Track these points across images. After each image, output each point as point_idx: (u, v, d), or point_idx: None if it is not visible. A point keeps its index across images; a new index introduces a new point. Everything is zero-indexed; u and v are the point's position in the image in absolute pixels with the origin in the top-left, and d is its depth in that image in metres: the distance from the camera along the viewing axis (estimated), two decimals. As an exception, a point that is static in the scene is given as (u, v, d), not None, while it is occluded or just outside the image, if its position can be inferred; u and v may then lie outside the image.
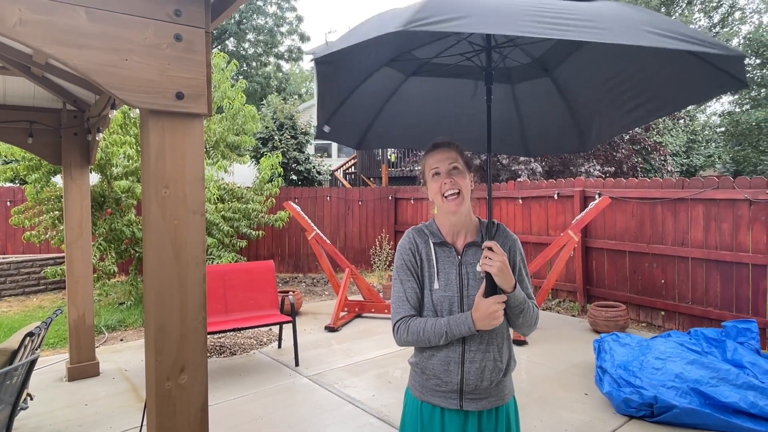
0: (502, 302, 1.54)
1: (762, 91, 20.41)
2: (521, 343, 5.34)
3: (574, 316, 6.83)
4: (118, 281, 8.41)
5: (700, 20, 22.78)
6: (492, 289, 1.56)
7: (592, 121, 2.06)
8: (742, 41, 21.37)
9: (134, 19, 1.72)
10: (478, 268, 1.62)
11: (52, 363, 4.92)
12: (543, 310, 7.09)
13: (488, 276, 1.55)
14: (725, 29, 22.53)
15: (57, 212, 6.79)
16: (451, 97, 2.19)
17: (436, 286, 1.65)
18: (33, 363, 2.54)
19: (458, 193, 1.64)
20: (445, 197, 1.65)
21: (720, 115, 22.24)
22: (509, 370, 1.70)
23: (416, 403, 1.71)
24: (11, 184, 9.75)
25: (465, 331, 1.55)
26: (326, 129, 2.01)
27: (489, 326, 1.54)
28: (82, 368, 4.52)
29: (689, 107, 21.27)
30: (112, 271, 6.86)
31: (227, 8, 2.02)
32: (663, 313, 6.14)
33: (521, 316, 1.62)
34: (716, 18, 22.87)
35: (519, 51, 1.96)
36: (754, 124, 17.51)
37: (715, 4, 22.45)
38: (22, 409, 2.70)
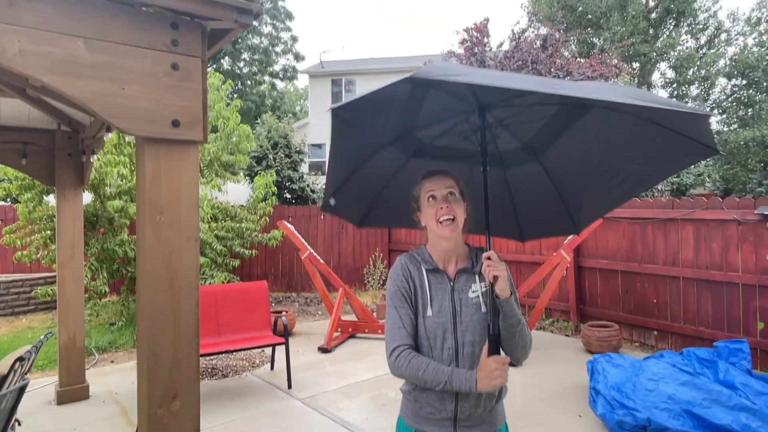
0: (505, 363, 1.54)
1: (749, 111, 20.80)
2: (514, 364, 5.32)
3: (567, 335, 6.83)
4: (109, 301, 8.33)
5: (687, 42, 23.29)
6: (495, 349, 1.57)
7: (580, 203, 2.11)
8: (728, 63, 21.83)
9: (132, 49, 1.76)
10: (473, 293, 1.66)
11: (41, 386, 4.85)
12: (537, 329, 7.09)
13: (492, 337, 1.57)
14: (712, 50, 23.03)
15: (49, 231, 6.75)
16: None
17: (429, 312, 1.65)
18: (23, 389, 2.51)
19: (453, 219, 1.66)
20: (440, 222, 1.66)
21: (709, 135, 22.55)
22: (501, 397, 1.72)
23: (409, 431, 1.71)
24: (3, 203, 9.69)
25: (465, 387, 1.53)
26: (332, 202, 2.05)
27: (490, 387, 1.52)
28: (72, 391, 4.46)
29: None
30: (103, 291, 6.80)
31: (223, 38, 2.06)
32: (656, 332, 6.16)
33: (516, 334, 1.60)
34: (703, 40, 23.40)
35: (509, 135, 2.01)
36: (742, 143, 17.81)
37: (701, 27, 22.99)
38: (9, 435, 2.66)
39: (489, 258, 1.57)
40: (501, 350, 1.59)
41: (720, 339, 5.19)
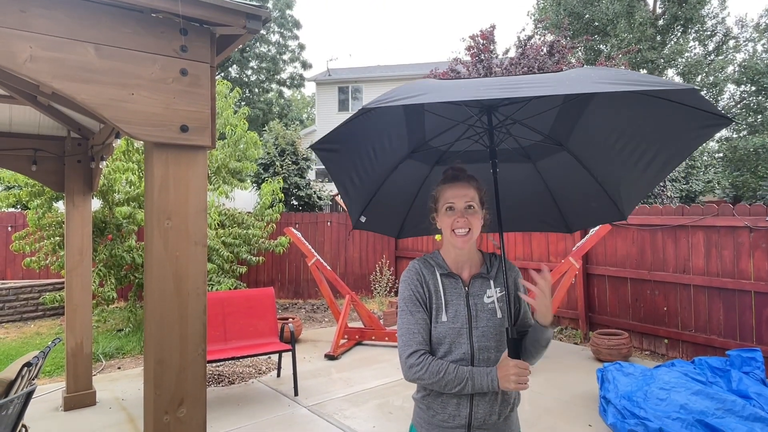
0: (527, 368, 1.52)
1: (759, 117, 20.66)
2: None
3: (576, 344, 6.76)
4: (117, 307, 8.36)
5: (695, 48, 23.21)
6: (516, 350, 1.56)
7: (619, 187, 2.06)
8: (737, 69, 21.72)
9: (142, 54, 1.76)
10: (488, 298, 1.67)
11: (48, 392, 4.86)
12: (545, 337, 7.02)
13: (511, 341, 1.57)
14: (720, 57, 22.93)
15: (58, 238, 6.80)
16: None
17: (444, 318, 1.63)
18: (30, 394, 2.51)
19: (468, 231, 1.65)
20: (455, 233, 1.65)
21: (718, 141, 22.44)
22: (516, 404, 1.70)
23: None
24: (13, 209, 9.77)
25: (487, 385, 1.53)
26: (363, 219, 2.12)
27: (510, 388, 1.51)
28: (79, 398, 4.46)
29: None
30: (111, 297, 6.83)
31: (232, 44, 2.07)
32: (666, 341, 6.08)
33: (541, 351, 1.63)
34: (711, 46, 23.30)
35: (527, 129, 2.00)
36: (751, 149, 17.67)
37: (709, 33, 22.90)
38: (16, 441, 2.65)
39: (542, 273, 1.57)
40: (519, 355, 1.59)
41: (732, 347, 5.12)
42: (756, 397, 3.61)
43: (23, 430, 3.19)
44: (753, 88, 20.57)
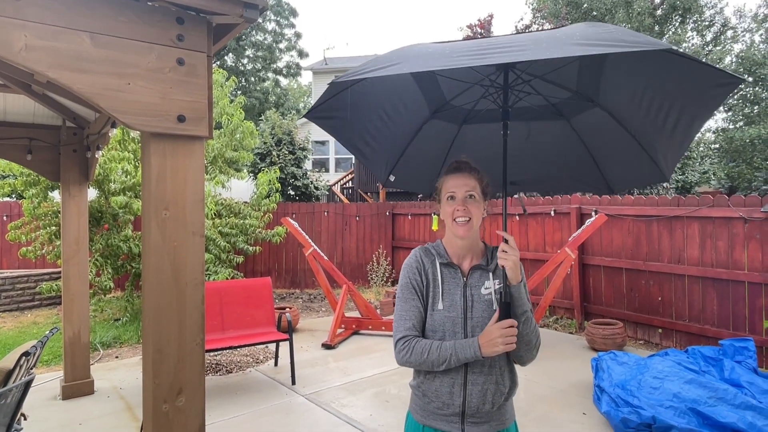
0: (511, 326, 1.54)
1: (755, 108, 20.68)
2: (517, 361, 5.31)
3: (571, 333, 6.82)
4: (114, 297, 8.36)
5: (693, 39, 23.14)
6: (506, 312, 1.58)
7: (655, 146, 2.01)
8: (734, 60, 21.70)
9: (138, 44, 1.75)
10: (485, 289, 1.68)
11: (46, 381, 4.87)
12: (541, 327, 7.08)
13: (503, 305, 1.59)
14: (718, 47, 22.88)
15: (54, 227, 6.78)
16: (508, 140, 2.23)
17: (440, 306, 1.65)
18: (29, 383, 2.52)
19: (468, 220, 1.66)
20: (456, 222, 1.67)
21: (714, 132, 22.46)
22: (511, 394, 1.70)
23: (418, 427, 1.69)
24: (8, 199, 9.73)
25: (471, 355, 1.55)
26: (392, 178, 2.20)
27: (494, 352, 1.53)
28: (77, 386, 4.47)
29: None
30: (108, 286, 6.83)
31: (229, 33, 2.06)
32: (660, 330, 6.14)
33: (523, 323, 1.59)
34: (709, 37, 23.24)
35: (553, 86, 1.99)
36: (747, 140, 17.70)
37: (707, 23, 22.83)
38: (16, 430, 2.67)
39: (505, 240, 1.60)
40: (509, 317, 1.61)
41: (725, 337, 5.17)
42: (748, 386, 3.66)
43: (22, 418, 3.21)
44: (750, 79, 20.56)
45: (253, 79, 28.60)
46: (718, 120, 25.02)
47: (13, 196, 9.84)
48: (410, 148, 2.15)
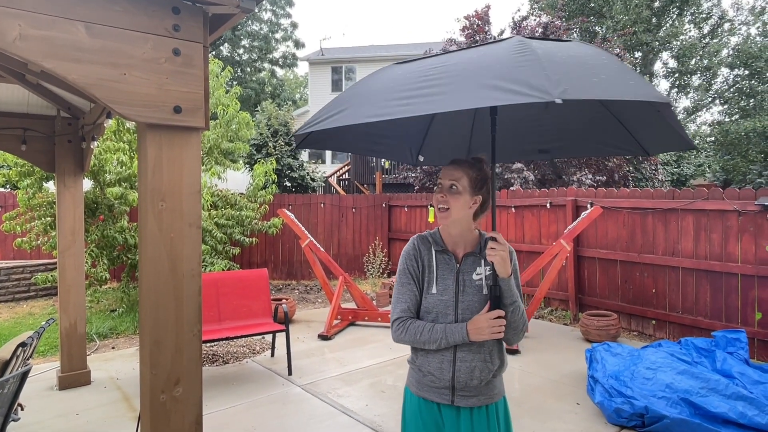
0: (498, 316, 1.68)
1: (751, 101, 20.72)
2: (514, 352, 5.36)
3: (566, 324, 6.87)
4: (109, 288, 8.36)
5: (690, 31, 23.12)
6: (496, 303, 1.71)
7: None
8: (731, 52, 21.70)
9: (133, 34, 1.74)
10: (476, 275, 1.79)
11: (43, 371, 4.88)
12: (535, 318, 7.13)
13: (493, 297, 1.71)
14: (714, 40, 22.87)
15: (49, 218, 6.75)
16: (528, 114, 2.28)
17: (434, 290, 1.78)
18: (26, 374, 2.53)
19: (447, 209, 1.78)
20: (438, 209, 1.81)
21: (710, 125, 22.51)
22: (499, 372, 1.81)
23: (414, 398, 1.84)
24: (3, 189, 9.67)
25: (459, 339, 1.69)
26: (421, 158, 2.31)
27: (480, 338, 1.68)
28: (74, 377, 4.48)
29: (680, 116, 21.47)
30: (104, 277, 6.82)
31: (225, 23, 2.04)
32: (654, 322, 6.19)
33: (511, 312, 1.72)
34: (706, 29, 23.22)
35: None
36: (743, 133, 17.75)
37: (704, 16, 22.79)
38: (13, 420, 2.68)
39: (494, 238, 1.70)
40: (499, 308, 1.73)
41: (718, 329, 5.22)
42: (739, 377, 3.70)
43: (19, 408, 3.22)
44: (746, 72, 20.58)
45: (249, 69, 28.41)
46: (714, 113, 25.10)
47: (8, 186, 9.78)
48: (432, 128, 2.25)
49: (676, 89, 23.91)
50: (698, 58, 22.41)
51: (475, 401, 1.75)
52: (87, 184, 6.81)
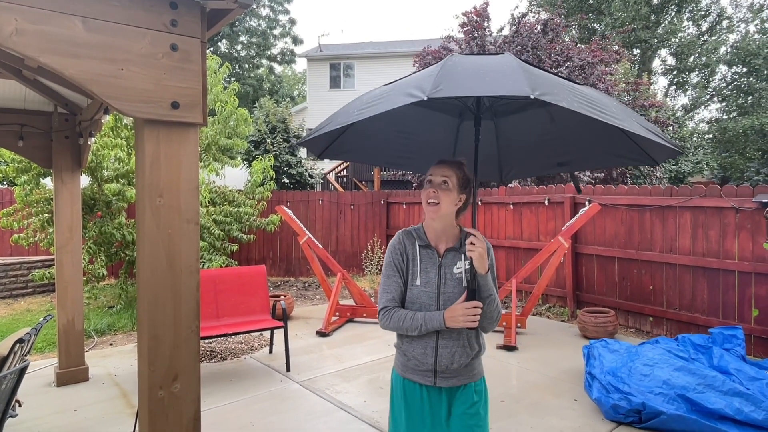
0: (475, 306, 1.81)
1: (749, 98, 20.74)
2: (511, 348, 5.38)
3: (564, 321, 6.88)
4: (107, 284, 8.35)
5: (688, 28, 23.11)
6: (472, 296, 1.84)
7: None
8: (729, 50, 21.69)
9: (130, 29, 1.73)
10: (456, 269, 1.93)
11: (41, 368, 4.88)
12: (533, 315, 7.14)
13: (470, 291, 1.85)
14: (713, 37, 22.87)
15: (46, 215, 6.73)
16: (540, 127, 2.44)
17: (417, 282, 1.93)
18: (23, 370, 2.52)
19: (437, 204, 1.90)
20: (428, 204, 1.93)
21: (708, 122, 22.52)
22: (478, 356, 1.97)
23: (399, 379, 1.99)
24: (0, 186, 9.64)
25: (436, 326, 1.84)
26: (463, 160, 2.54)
27: (455, 325, 1.82)
28: (71, 373, 4.48)
29: (678, 113, 21.48)
30: (101, 274, 6.81)
31: (223, 18, 2.04)
32: (651, 319, 6.21)
33: (487, 304, 1.86)
34: (704, 26, 23.21)
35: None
36: (741, 131, 17.78)
37: (703, 13, 22.78)
38: (11, 416, 2.67)
39: (474, 235, 1.82)
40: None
41: (715, 325, 5.25)
42: (736, 373, 3.71)
43: (17, 405, 3.22)
44: (744, 70, 20.59)
45: (247, 65, 28.33)
46: (712, 110, 25.12)
47: (5, 183, 9.76)
48: (459, 144, 2.46)
49: (674, 86, 23.93)
50: (697, 55, 22.42)
51: (456, 381, 1.92)
52: (84, 180, 6.79)
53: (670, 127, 14.34)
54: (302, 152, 15.08)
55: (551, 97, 1.49)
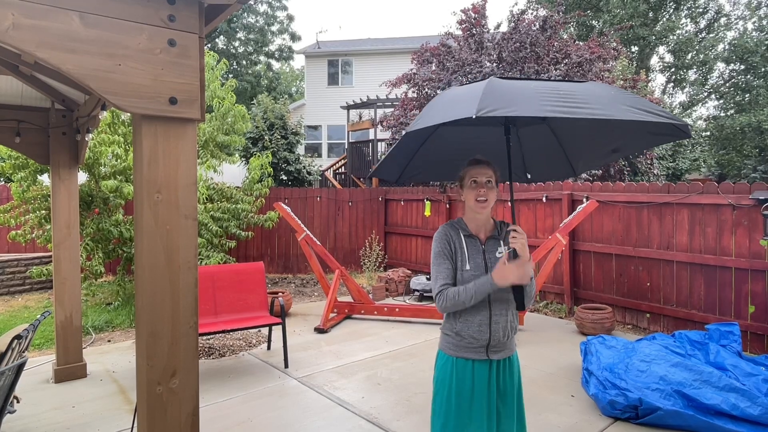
0: (519, 266, 2.00)
1: (746, 96, 20.76)
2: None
3: (561, 318, 6.90)
4: (105, 281, 8.34)
5: (686, 26, 23.11)
6: (515, 257, 2.06)
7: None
8: (727, 47, 21.69)
9: (128, 24, 1.73)
10: (498, 254, 2.19)
11: (39, 364, 4.87)
12: (531, 311, 7.16)
13: (512, 252, 2.07)
14: (711, 35, 22.88)
15: (44, 211, 6.71)
16: (584, 121, 2.60)
17: (467, 267, 2.15)
18: (21, 366, 2.52)
19: (486, 200, 2.17)
20: (477, 201, 2.17)
21: (705, 120, 22.56)
22: (516, 331, 2.25)
23: (450, 359, 2.18)
24: (-4, 182, 9.60)
25: (488, 288, 2.04)
26: (528, 176, 2.80)
27: (504, 281, 2.01)
28: (69, 370, 4.48)
29: (675, 111, 21.52)
30: (99, 271, 6.80)
31: (221, 13, 2.03)
32: (648, 315, 6.23)
33: (529, 285, 2.09)
34: (702, 24, 23.22)
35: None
36: (738, 128, 17.81)
37: (701, 10, 22.78)
38: (9, 412, 2.68)
39: (515, 230, 2.08)
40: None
41: (712, 322, 5.27)
42: (732, 369, 3.73)
43: (15, 401, 3.22)
44: (742, 67, 20.61)
45: (244, 62, 28.24)
46: (709, 108, 25.13)
47: (2, 179, 9.73)
48: (525, 149, 2.75)
49: (672, 84, 23.94)
50: (694, 52, 22.42)
51: (502, 354, 2.19)
52: (82, 177, 6.77)
53: (668, 125, 14.34)
54: (300, 149, 15.05)
55: (504, 110, 1.76)
